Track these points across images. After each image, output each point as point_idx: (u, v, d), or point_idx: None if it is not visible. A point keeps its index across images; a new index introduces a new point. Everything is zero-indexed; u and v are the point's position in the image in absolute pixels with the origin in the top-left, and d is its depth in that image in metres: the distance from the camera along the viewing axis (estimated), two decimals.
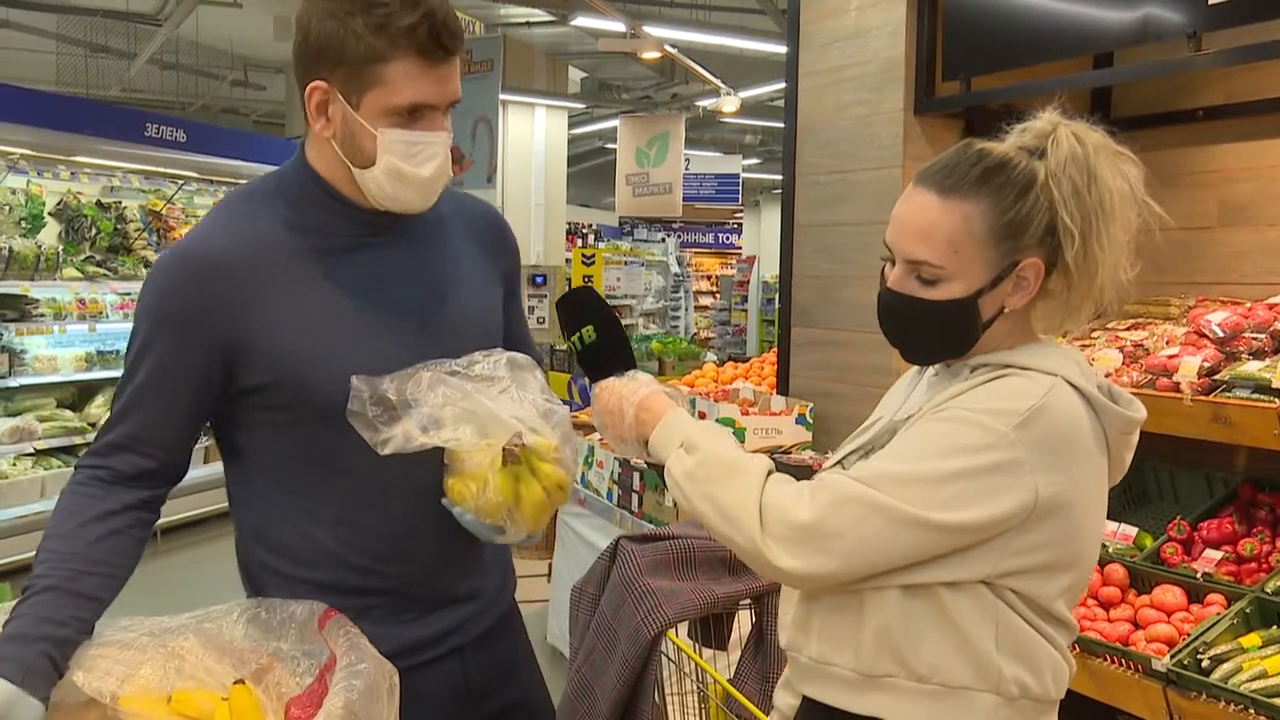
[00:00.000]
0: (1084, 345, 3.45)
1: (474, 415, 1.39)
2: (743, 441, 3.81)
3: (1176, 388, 2.93)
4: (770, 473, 1.34)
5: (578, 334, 1.58)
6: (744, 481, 1.30)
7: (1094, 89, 3.91)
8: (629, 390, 1.49)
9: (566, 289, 1.71)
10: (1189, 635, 2.83)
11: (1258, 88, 3.39)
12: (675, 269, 16.04)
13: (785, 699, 1.52)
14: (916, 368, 1.53)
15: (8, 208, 6.03)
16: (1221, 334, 3.04)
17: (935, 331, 1.36)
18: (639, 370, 1.58)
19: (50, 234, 6.44)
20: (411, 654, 1.49)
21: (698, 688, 2.27)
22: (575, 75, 13.33)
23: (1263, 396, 2.75)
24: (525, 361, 1.49)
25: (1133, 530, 3.29)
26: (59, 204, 6.58)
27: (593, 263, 11.75)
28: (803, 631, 1.40)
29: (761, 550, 1.28)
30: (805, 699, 1.43)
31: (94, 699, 1.30)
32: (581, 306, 1.60)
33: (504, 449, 1.40)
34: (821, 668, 1.37)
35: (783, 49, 4.40)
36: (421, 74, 1.36)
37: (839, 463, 1.48)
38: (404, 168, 1.39)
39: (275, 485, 1.52)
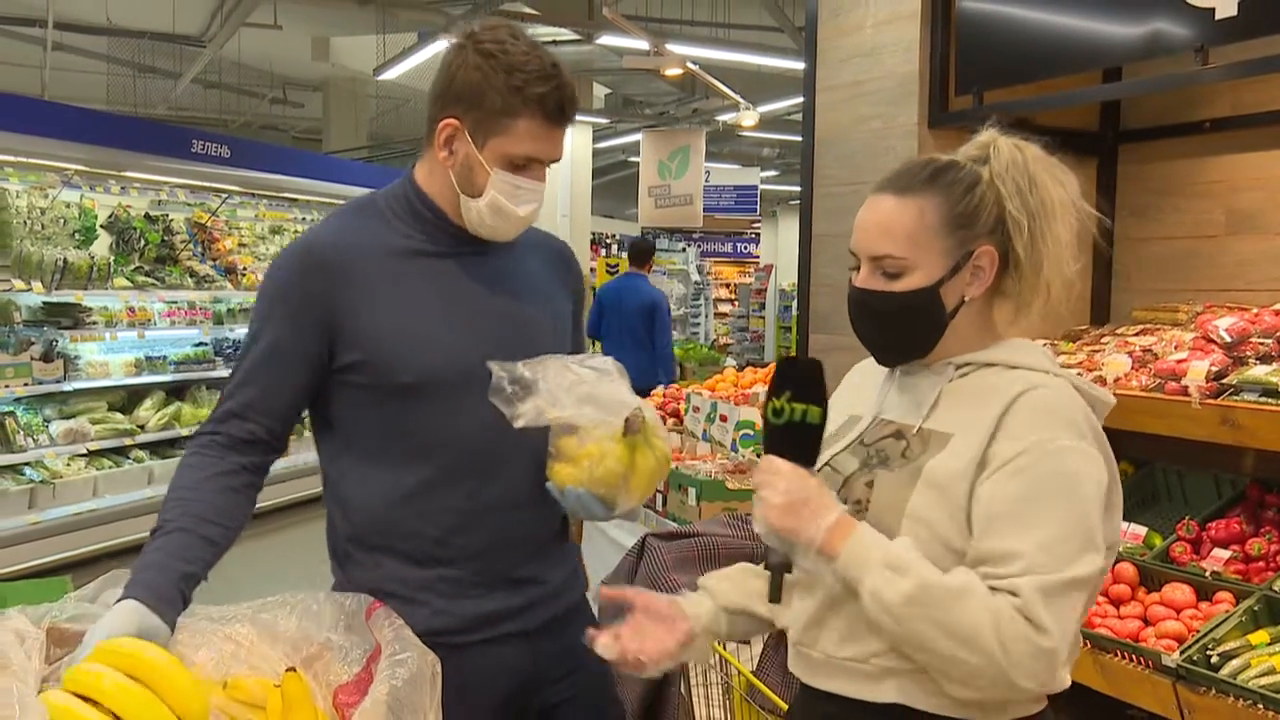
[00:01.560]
0: (1094, 351, 3.44)
1: (595, 397, 1.51)
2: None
3: (1185, 391, 2.92)
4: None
5: (803, 408, 1.35)
6: (974, 603, 1.22)
7: (1103, 102, 3.89)
8: (825, 497, 1.32)
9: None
10: (1198, 632, 2.81)
11: (1264, 100, 3.37)
12: (696, 277, 16.06)
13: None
14: (871, 366, 1.52)
15: (62, 221, 6.11)
16: (1229, 339, 3.02)
17: (903, 323, 1.39)
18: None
19: (102, 245, 6.52)
20: (476, 629, 1.60)
21: (722, 679, 2.28)
22: (599, 91, 13.38)
23: (1270, 400, 2.74)
24: (618, 366, 1.59)
25: (1142, 530, 3.28)
26: (110, 217, 6.66)
27: (616, 272, 11.78)
28: (817, 627, 1.40)
29: (1006, 673, 1.22)
30: (814, 692, 1.41)
31: None
32: (815, 383, 1.38)
33: (627, 419, 1.50)
34: (839, 662, 1.36)
35: (800, 65, 4.41)
36: (542, 134, 1.56)
37: (828, 464, 1.45)
38: (506, 205, 1.57)
39: (361, 460, 1.65)
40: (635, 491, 1.52)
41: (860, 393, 1.53)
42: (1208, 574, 2.98)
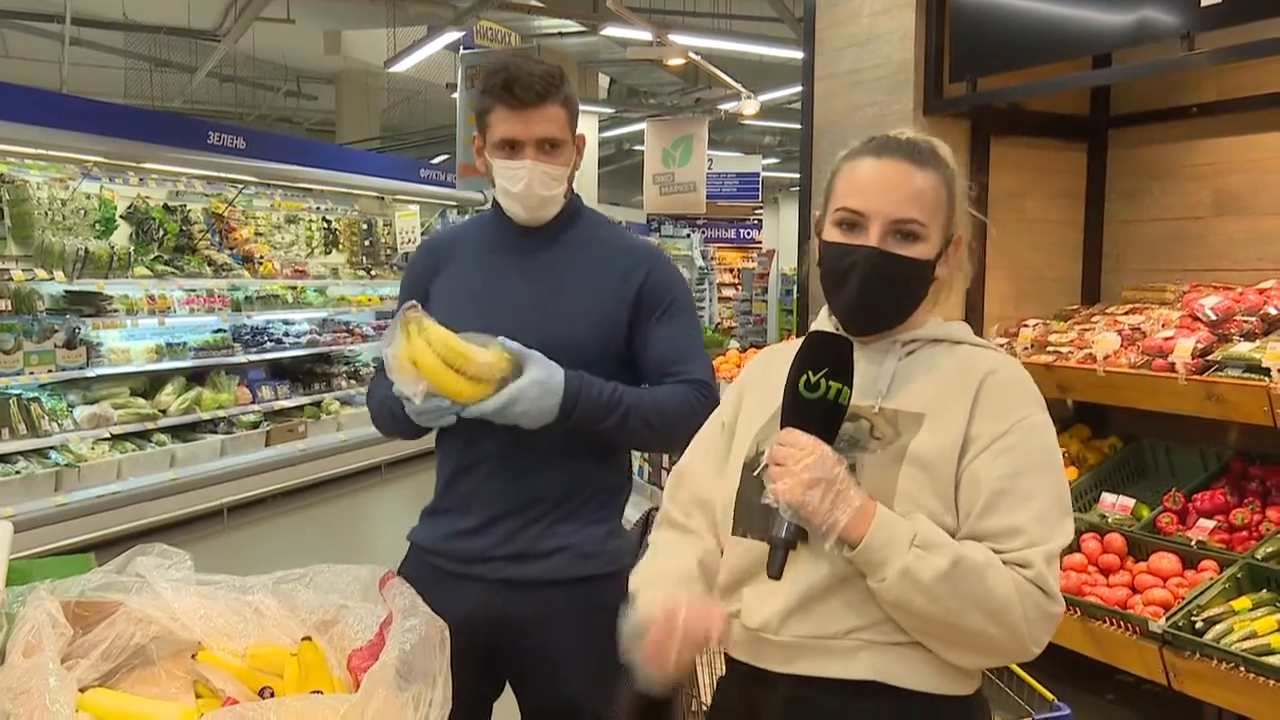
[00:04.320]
0: (1084, 329, 3.45)
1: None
2: None
3: (1172, 368, 2.93)
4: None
5: (838, 387, 1.27)
6: (1000, 577, 1.21)
7: (1093, 87, 3.89)
8: (849, 481, 1.25)
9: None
10: (1183, 599, 2.83)
11: (1248, 84, 3.37)
12: (700, 263, 16.03)
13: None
14: (781, 355, 1.44)
15: (83, 212, 6.12)
16: (1214, 317, 3.03)
17: (906, 291, 1.36)
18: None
19: (122, 235, 6.53)
20: (454, 560, 1.85)
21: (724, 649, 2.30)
22: (604, 81, 13.35)
23: (1253, 375, 2.75)
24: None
25: (1130, 501, 3.29)
26: (129, 208, 6.67)
27: None
28: (788, 614, 1.31)
29: (1025, 641, 1.23)
30: (767, 675, 1.34)
31: (181, 652, 1.36)
32: (849, 364, 1.30)
33: (401, 316, 1.64)
34: (808, 642, 1.30)
35: (799, 55, 4.40)
36: (506, 116, 1.80)
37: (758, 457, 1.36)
38: (503, 185, 1.84)
39: None
40: (426, 373, 1.64)
41: (776, 380, 1.37)
42: (1193, 543, 3.00)
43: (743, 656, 1.37)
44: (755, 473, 1.34)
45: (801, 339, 1.38)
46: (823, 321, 1.44)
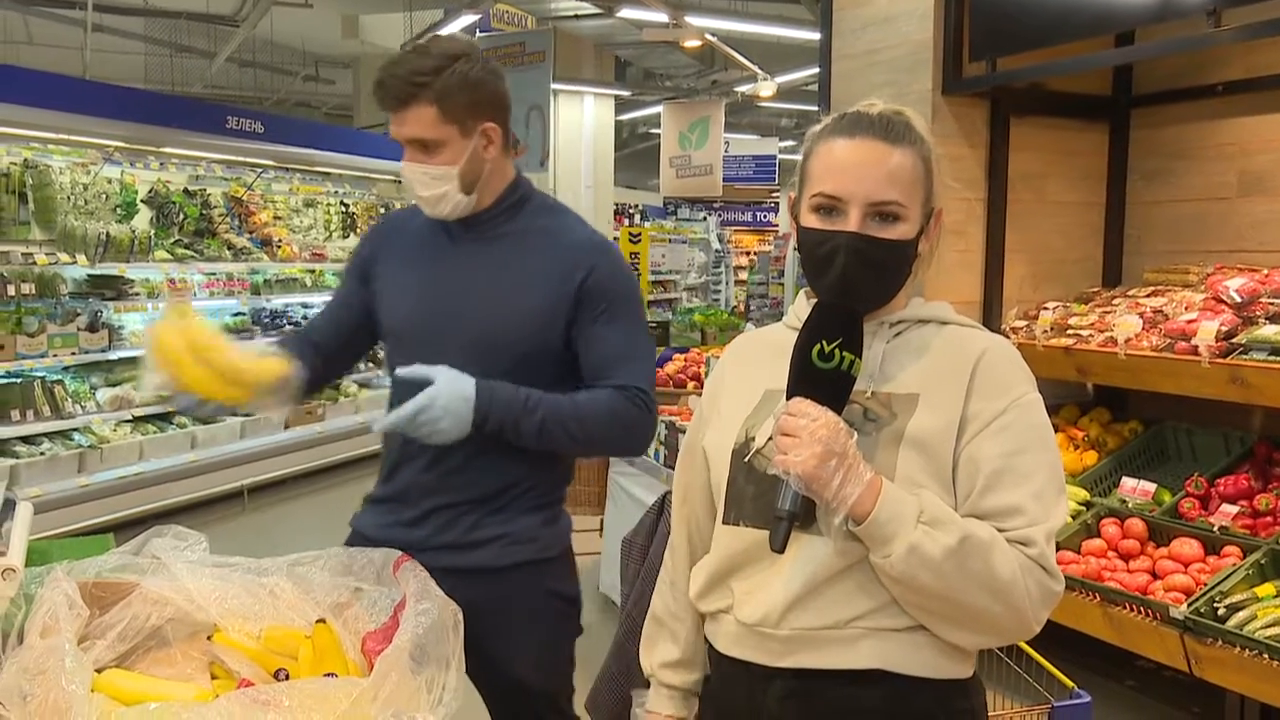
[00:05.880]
0: (1105, 312, 3.40)
1: None
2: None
3: (1195, 351, 2.89)
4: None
5: (851, 358, 1.25)
6: (1004, 555, 1.20)
7: (1116, 66, 3.83)
8: (859, 456, 1.22)
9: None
10: (1205, 585, 2.79)
11: (1276, 62, 3.30)
12: (716, 246, 15.95)
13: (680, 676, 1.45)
14: (763, 338, 1.46)
15: (105, 196, 6.14)
16: (1239, 299, 2.98)
17: (890, 273, 1.31)
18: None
19: (142, 220, 6.54)
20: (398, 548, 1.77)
21: None
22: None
23: (1278, 358, 2.70)
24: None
25: (1152, 486, 3.25)
26: (150, 192, 6.69)
27: (639, 240, 11.73)
28: (789, 608, 1.27)
29: (1027, 619, 1.23)
30: (764, 671, 1.30)
31: (196, 633, 1.35)
32: (860, 334, 1.28)
33: (169, 300, 1.59)
34: (809, 634, 1.27)
35: (816, 36, 4.34)
36: (392, 119, 1.77)
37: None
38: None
39: None
40: (171, 357, 1.62)
41: (760, 366, 1.39)
42: (1215, 529, 2.95)
43: (735, 652, 1.33)
44: (746, 459, 1.32)
45: (771, 326, 1.42)
46: (801, 304, 1.40)
